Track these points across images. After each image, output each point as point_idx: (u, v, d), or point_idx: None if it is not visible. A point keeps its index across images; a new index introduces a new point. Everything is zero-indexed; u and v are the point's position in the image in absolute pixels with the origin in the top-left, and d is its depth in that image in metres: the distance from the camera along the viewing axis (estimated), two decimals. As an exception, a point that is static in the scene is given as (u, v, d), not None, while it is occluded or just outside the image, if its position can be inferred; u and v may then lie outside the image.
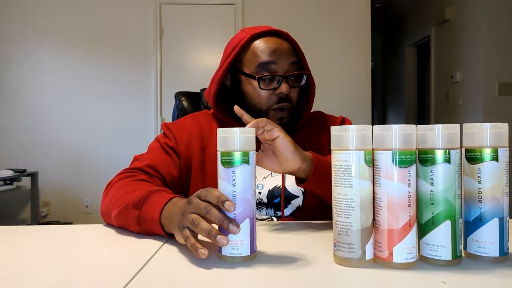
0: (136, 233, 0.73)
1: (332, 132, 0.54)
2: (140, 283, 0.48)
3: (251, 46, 0.94)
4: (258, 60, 0.92)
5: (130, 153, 0.97)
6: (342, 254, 0.53)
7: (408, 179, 0.51)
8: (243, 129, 0.56)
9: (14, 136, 3.53)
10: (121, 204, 0.74)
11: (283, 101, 0.92)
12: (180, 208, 0.60)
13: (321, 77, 3.57)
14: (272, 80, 0.93)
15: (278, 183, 0.93)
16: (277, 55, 0.92)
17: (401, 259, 0.51)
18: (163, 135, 1.00)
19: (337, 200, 0.53)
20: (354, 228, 0.52)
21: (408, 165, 0.51)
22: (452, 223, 0.51)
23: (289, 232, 0.75)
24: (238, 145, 0.55)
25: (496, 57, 3.39)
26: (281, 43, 0.93)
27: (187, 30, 3.57)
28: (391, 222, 0.51)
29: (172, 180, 0.93)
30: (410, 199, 0.51)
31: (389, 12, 5.19)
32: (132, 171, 0.88)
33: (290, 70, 0.93)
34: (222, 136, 0.56)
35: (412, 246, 0.51)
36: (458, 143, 0.52)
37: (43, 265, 0.57)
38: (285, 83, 0.91)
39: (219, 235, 0.53)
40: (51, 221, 3.48)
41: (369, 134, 0.52)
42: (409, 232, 0.51)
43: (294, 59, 0.94)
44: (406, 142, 0.51)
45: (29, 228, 0.81)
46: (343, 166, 0.52)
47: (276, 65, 0.92)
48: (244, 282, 0.50)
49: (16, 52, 3.53)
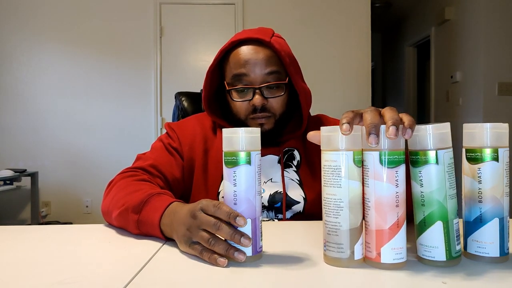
0: (136, 235, 0.73)
1: (322, 133, 0.54)
2: (140, 283, 0.48)
3: (230, 55, 0.93)
4: (232, 72, 0.91)
5: (130, 153, 0.97)
6: (331, 254, 0.53)
7: (396, 180, 0.51)
8: (247, 129, 0.56)
9: (14, 136, 3.53)
10: (122, 205, 0.74)
11: (258, 112, 0.90)
12: (183, 220, 0.59)
13: (321, 77, 3.58)
14: (246, 92, 0.91)
15: (278, 189, 0.92)
16: (250, 67, 0.89)
17: (389, 259, 0.51)
18: (166, 135, 1.00)
19: (326, 200, 0.53)
20: (343, 228, 0.52)
21: (396, 166, 0.51)
22: (444, 224, 0.50)
23: (282, 231, 0.75)
24: (240, 145, 0.55)
25: (496, 57, 3.39)
26: (257, 53, 0.90)
27: (187, 30, 3.57)
28: (379, 223, 0.51)
29: (174, 181, 0.93)
30: (398, 199, 0.51)
31: (389, 12, 5.19)
32: (135, 170, 0.88)
33: (266, 81, 0.90)
34: (226, 136, 0.57)
35: (400, 247, 0.51)
36: (447, 143, 0.51)
37: (43, 265, 0.57)
38: (259, 95, 0.89)
39: (236, 251, 0.54)
40: (51, 221, 3.48)
41: (358, 134, 0.52)
42: (397, 233, 0.51)
43: (272, 69, 0.90)
44: (394, 143, 0.51)
45: (29, 228, 0.81)
46: (332, 166, 0.52)
47: (249, 76, 0.89)
48: (244, 281, 0.50)
49: (16, 52, 3.53)
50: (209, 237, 0.55)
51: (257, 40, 0.91)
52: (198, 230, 0.56)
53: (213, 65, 0.95)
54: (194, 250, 0.57)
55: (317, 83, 3.31)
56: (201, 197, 0.93)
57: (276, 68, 0.91)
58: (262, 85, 0.90)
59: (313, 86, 1.00)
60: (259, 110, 0.90)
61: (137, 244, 0.67)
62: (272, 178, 0.93)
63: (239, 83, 0.91)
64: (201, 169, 0.95)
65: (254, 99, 0.90)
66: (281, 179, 0.93)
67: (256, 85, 0.90)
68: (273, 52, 0.91)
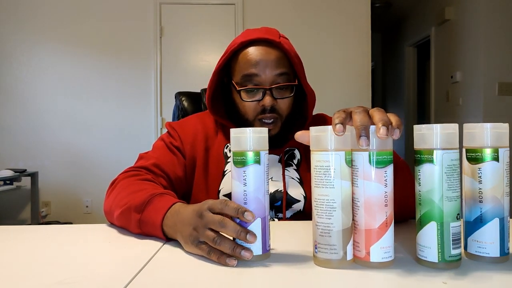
0: (137, 234, 0.73)
1: (312, 133, 0.54)
2: (141, 283, 0.48)
3: (239, 55, 0.93)
4: (242, 72, 0.91)
5: (130, 153, 0.97)
6: (323, 256, 0.53)
7: (384, 179, 0.51)
8: (255, 129, 0.56)
9: (14, 136, 3.53)
10: (124, 205, 0.74)
11: (267, 112, 0.91)
12: (188, 220, 0.59)
13: (321, 77, 3.58)
14: (256, 92, 0.91)
15: (279, 187, 0.93)
16: (261, 67, 0.89)
17: (378, 258, 0.51)
18: (167, 135, 1.00)
19: (318, 201, 0.53)
20: (335, 229, 0.52)
21: (385, 166, 0.51)
22: (438, 225, 0.50)
23: (281, 231, 0.75)
24: (249, 145, 0.55)
25: (496, 57, 3.39)
26: (268, 53, 0.90)
27: (187, 30, 3.57)
28: (369, 222, 0.52)
29: (177, 180, 0.93)
30: (387, 199, 0.51)
31: (389, 12, 5.19)
32: (138, 170, 0.88)
33: (276, 81, 0.90)
34: (234, 136, 0.57)
35: (388, 246, 0.52)
36: (451, 144, 0.50)
37: (43, 265, 0.57)
38: (269, 96, 0.90)
39: (243, 250, 0.54)
40: (51, 221, 3.48)
41: (348, 134, 0.52)
42: (386, 232, 0.51)
43: (282, 70, 0.90)
44: (383, 143, 0.51)
45: (29, 228, 0.81)
46: (324, 167, 0.52)
47: (260, 77, 0.90)
48: (243, 281, 0.50)
49: (16, 52, 3.53)
50: (214, 236, 0.55)
51: (267, 41, 0.92)
52: (204, 229, 0.56)
53: (221, 64, 0.95)
54: (201, 250, 0.56)
55: (317, 83, 3.30)
56: (202, 195, 0.93)
57: (286, 70, 0.92)
58: (273, 86, 0.90)
59: (313, 86, 1.00)
60: (268, 111, 0.91)
61: (137, 244, 0.67)
62: (273, 177, 0.94)
63: (249, 83, 0.91)
64: (202, 168, 0.95)
65: (264, 100, 0.90)
66: (281, 177, 0.93)
67: (266, 86, 0.90)
68: (282, 53, 0.92)
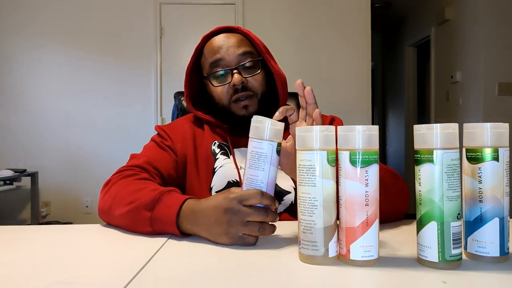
0: (140, 234, 0.72)
1: (297, 133, 0.55)
2: (141, 283, 0.48)
3: (204, 49, 1.00)
4: (209, 61, 0.97)
5: (130, 152, 0.97)
6: (306, 252, 0.54)
7: (365, 179, 0.52)
8: (273, 121, 0.61)
9: (14, 136, 3.53)
10: (129, 203, 0.73)
11: (239, 92, 0.94)
12: (216, 217, 0.63)
13: (321, 77, 3.58)
14: (225, 76, 0.96)
15: None
16: (224, 50, 0.95)
17: (357, 256, 0.52)
18: (157, 136, 1.02)
19: (301, 198, 0.55)
20: (317, 226, 0.53)
21: (366, 165, 0.52)
22: (438, 225, 0.50)
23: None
24: (268, 135, 0.60)
25: (496, 57, 3.39)
26: (228, 38, 0.97)
27: (187, 30, 3.57)
28: (349, 220, 0.53)
29: (169, 176, 0.94)
30: (368, 198, 0.52)
31: (389, 12, 5.19)
32: (132, 169, 0.88)
33: (241, 61, 0.95)
34: (254, 126, 0.62)
35: (370, 245, 0.52)
36: (451, 143, 0.50)
37: (43, 265, 0.57)
38: (237, 74, 0.94)
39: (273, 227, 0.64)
40: (51, 221, 3.48)
41: (332, 134, 0.54)
42: (366, 231, 0.52)
43: (245, 49, 0.96)
44: (369, 143, 0.52)
45: (29, 228, 0.81)
46: (307, 165, 0.54)
47: (225, 60, 0.95)
48: (243, 280, 0.50)
49: (16, 52, 3.53)
50: (259, 226, 0.62)
51: (226, 29, 1.00)
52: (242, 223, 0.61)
53: (191, 64, 1.01)
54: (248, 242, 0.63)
55: (317, 83, 3.31)
56: (195, 192, 0.95)
57: (249, 49, 0.97)
58: (239, 65, 0.94)
59: (313, 85, 1.00)
60: (240, 90, 0.94)
61: (137, 244, 0.67)
62: None
63: (216, 68, 0.96)
64: (193, 165, 0.97)
65: (233, 79, 0.94)
66: None
67: (232, 66, 0.95)
68: (242, 36, 0.99)
